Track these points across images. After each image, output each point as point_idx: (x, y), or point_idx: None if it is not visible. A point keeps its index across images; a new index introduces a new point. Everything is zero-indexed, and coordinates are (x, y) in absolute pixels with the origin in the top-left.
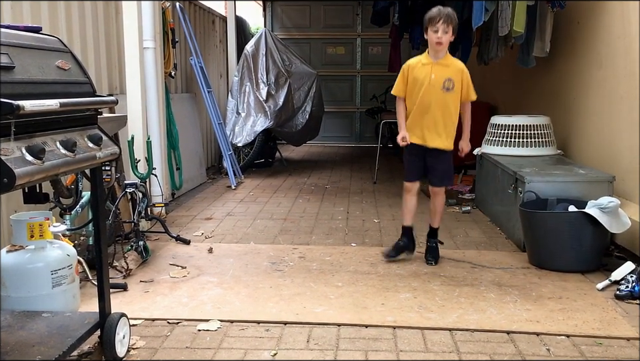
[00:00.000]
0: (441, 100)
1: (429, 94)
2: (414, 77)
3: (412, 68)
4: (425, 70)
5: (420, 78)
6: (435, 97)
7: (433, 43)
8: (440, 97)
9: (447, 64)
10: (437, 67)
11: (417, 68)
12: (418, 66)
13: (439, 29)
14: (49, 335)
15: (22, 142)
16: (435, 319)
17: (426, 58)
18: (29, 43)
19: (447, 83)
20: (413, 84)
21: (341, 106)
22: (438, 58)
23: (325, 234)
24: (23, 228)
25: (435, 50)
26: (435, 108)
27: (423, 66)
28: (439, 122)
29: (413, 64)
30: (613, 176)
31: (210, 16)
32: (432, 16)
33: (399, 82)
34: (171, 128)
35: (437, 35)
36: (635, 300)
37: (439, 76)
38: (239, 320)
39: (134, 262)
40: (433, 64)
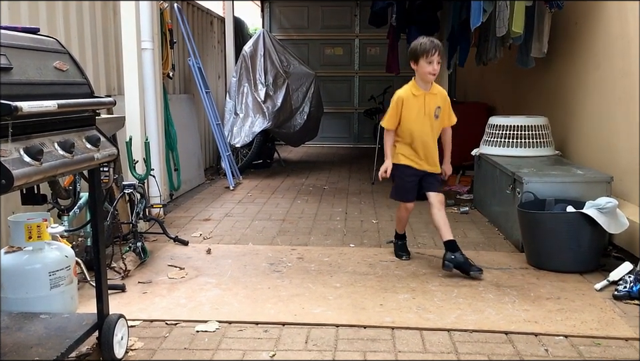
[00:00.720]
0: (433, 128)
1: (424, 124)
2: (408, 109)
3: (405, 100)
4: (419, 102)
5: (415, 110)
6: (429, 126)
7: (426, 75)
8: (432, 125)
9: (435, 93)
10: (429, 97)
11: (409, 100)
12: (410, 98)
13: (433, 61)
14: (47, 336)
15: (20, 143)
16: (434, 320)
17: (416, 89)
18: (27, 44)
19: (437, 111)
20: (407, 115)
21: (339, 107)
22: (428, 88)
23: (323, 235)
24: (20, 229)
25: (426, 82)
26: (429, 136)
27: (415, 97)
28: (433, 148)
29: (405, 97)
30: (610, 177)
31: (208, 17)
32: (426, 49)
33: (391, 115)
34: (169, 129)
35: (432, 67)
36: (633, 300)
37: (431, 106)
38: (238, 320)
39: (132, 263)
40: (426, 94)
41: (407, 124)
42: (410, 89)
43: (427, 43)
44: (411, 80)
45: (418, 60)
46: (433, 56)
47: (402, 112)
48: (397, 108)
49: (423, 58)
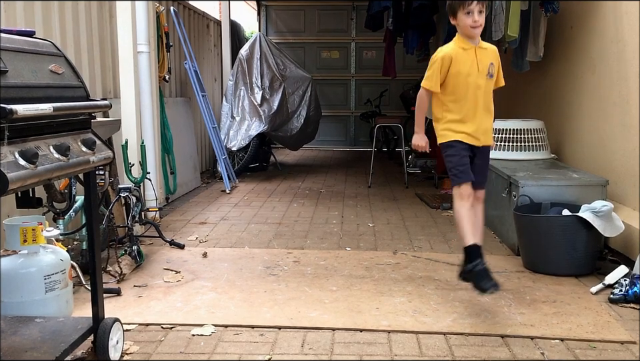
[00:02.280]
0: (487, 88)
1: (478, 83)
2: (458, 66)
3: (454, 56)
4: (470, 57)
5: (466, 67)
6: (483, 86)
7: (467, 28)
8: (487, 85)
9: (485, 47)
10: (480, 52)
11: (459, 55)
12: (460, 53)
13: (473, 10)
14: (42, 340)
15: (15, 146)
16: (430, 323)
17: (464, 42)
18: (22, 47)
19: (491, 68)
20: (457, 74)
21: (336, 110)
22: (476, 42)
23: (319, 238)
24: (15, 233)
25: (470, 36)
26: (484, 99)
27: (465, 52)
28: (488, 113)
29: (453, 52)
30: (606, 180)
31: (204, 21)
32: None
33: (434, 74)
34: (165, 132)
35: (472, 18)
36: (629, 304)
37: (484, 61)
38: (233, 324)
39: (128, 266)
40: (476, 48)
41: (459, 84)
42: (457, 44)
43: None
44: (455, 37)
45: (456, 15)
46: (472, 5)
47: (450, 70)
48: (443, 66)
49: (461, 10)
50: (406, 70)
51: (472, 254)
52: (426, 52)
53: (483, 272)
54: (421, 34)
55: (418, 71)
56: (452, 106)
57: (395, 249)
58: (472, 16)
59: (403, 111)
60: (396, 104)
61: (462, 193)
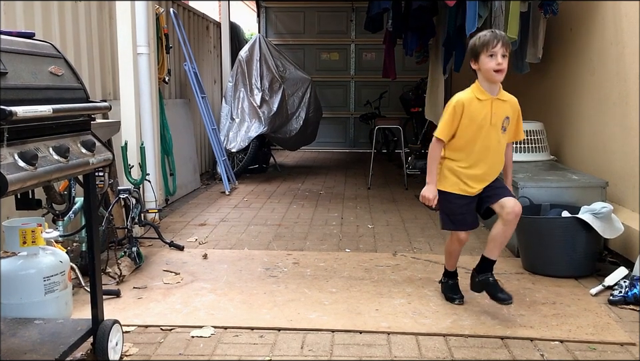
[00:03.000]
0: (499, 143)
1: (489, 137)
2: (470, 117)
3: (467, 106)
4: (485, 108)
5: (479, 119)
6: (494, 140)
7: (490, 72)
8: (498, 139)
9: (504, 99)
10: (496, 104)
11: (472, 105)
12: (474, 102)
13: (497, 54)
14: (41, 342)
15: (14, 148)
16: (429, 325)
17: (481, 92)
18: (22, 49)
19: (505, 123)
20: (468, 125)
21: (335, 111)
22: (495, 92)
23: (319, 240)
24: (15, 235)
25: (491, 82)
26: (493, 153)
27: (480, 102)
28: (496, 168)
29: (467, 101)
30: (606, 182)
31: (204, 22)
32: (486, 40)
33: (447, 123)
34: (164, 133)
35: (495, 61)
36: (629, 305)
37: (499, 115)
38: (233, 326)
39: (127, 268)
40: (493, 100)
41: (465, 136)
42: (473, 92)
43: (486, 34)
44: (474, 83)
45: (478, 57)
46: (496, 48)
47: (462, 119)
48: (456, 115)
49: (484, 52)
50: (405, 72)
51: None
52: (425, 54)
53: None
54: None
55: (417, 73)
56: (457, 155)
57: (395, 251)
58: (495, 59)
59: (402, 113)
60: (395, 105)
61: (455, 237)
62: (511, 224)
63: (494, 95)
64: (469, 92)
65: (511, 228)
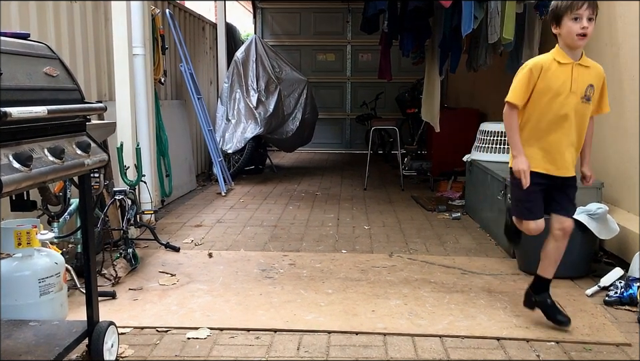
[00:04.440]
0: (580, 113)
1: (568, 105)
2: (547, 82)
3: (545, 69)
4: (565, 73)
5: (557, 84)
6: (574, 109)
7: (572, 37)
8: (579, 109)
9: (588, 65)
10: (578, 70)
11: (551, 69)
12: (553, 67)
13: (582, 16)
14: (36, 344)
15: (9, 149)
16: (426, 326)
17: (562, 56)
18: (17, 50)
19: (589, 91)
20: (545, 90)
21: (331, 112)
22: (577, 57)
23: (315, 241)
24: (10, 236)
25: (574, 47)
26: (572, 123)
27: (560, 67)
28: (575, 142)
29: (546, 64)
30: (601, 183)
31: (200, 23)
32: (570, 2)
33: (521, 86)
34: (160, 134)
35: (580, 24)
36: (624, 306)
37: (582, 81)
38: (229, 327)
39: (123, 269)
40: (574, 64)
41: (541, 103)
42: (553, 55)
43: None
44: (554, 48)
45: (561, 20)
46: (581, 9)
47: (538, 84)
48: (532, 78)
49: (568, 15)
50: (402, 73)
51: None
52: (421, 55)
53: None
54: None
55: (413, 74)
56: (528, 130)
57: (391, 251)
58: (580, 23)
59: (398, 114)
60: (392, 106)
61: (529, 229)
62: (560, 240)
63: (576, 60)
64: (548, 55)
65: (561, 243)
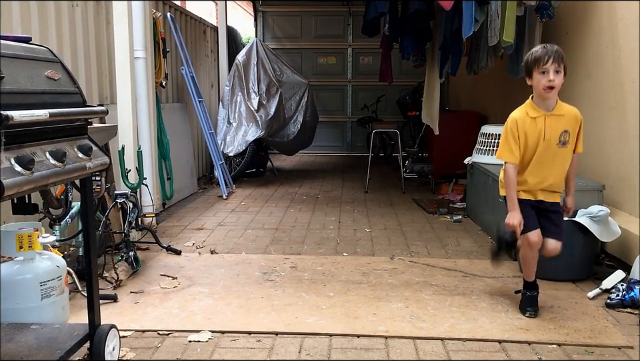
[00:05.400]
0: (557, 157)
1: (545, 153)
2: (524, 134)
3: (521, 125)
4: (538, 126)
5: (533, 136)
6: (550, 155)
7: (541, 89)
8: (556, 154)
9: (561, 113)
10: (550, 120)
11: (526, 124)
12: (527, 121)
13: (548, 70)
14: (37, 347)
15: (11, 152)
16: (427, 328)
17: (533, 109)
18: (19, 53)
19: (563, 136)
20: (524, 141)
21: (332, 115)
22: (550, 107)
23: (316, 244)
24: (11, 239)
25: (544, 98)
26: (550, 167)
27: (533, 120)
28: (554, 181)
29: (520, 120)
30: (602, 185)
31: (201, 26)
32: (537, 56)
33: (510, 144)
34: (161, 138)
35: (547, 78)
36: (626, 309)
37: (555, 129)
38: (230, 330)
39: (124, 272)
40: (546, 116)
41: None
42: (525, 110)
43: (538, 50)
44: (528, 100)
45: (531, 74)
46: (547, 65)
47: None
48: (514, 134)
49: (536, 69)
50: (402, 76)
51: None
52: (422, 58)
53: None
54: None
55: (414, 77)
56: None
57: (392, 254)
58: (547, 76)
59: (399, 116)
60: (392, 109)
61: (525, 240)
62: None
63: (549, 111)
64: (521, 109)
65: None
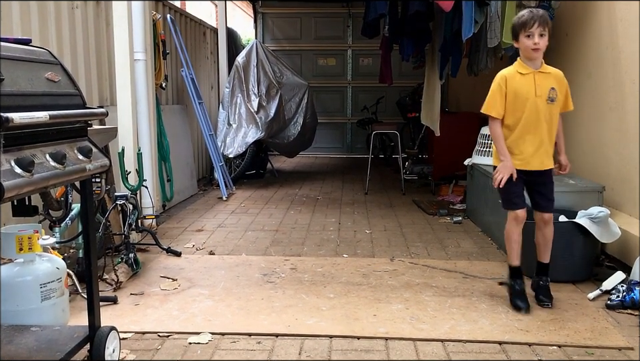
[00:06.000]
0: (549, 113)
1: (536, 108)
2: (514, 91)
3: (510, 80)
4: (527, 82)
5: (523, 92)
6: (542, 112)
7: (528, 50)
8: (546, 111)
9: (548, 72)
10: (539, 77)
11: (515, 80)
12: (516, 77)
13: (534, 34)
14: (37, 349)
15: (11, 154)
16: (427, 330)
17: (523, 67)
18: (19, 55)
19: (552, 93)
20: (514, 99)
21: (332, 117)
22: (537, 66)
23: (316, 245)
24: (11, 241)
25: (531, 59)
26: (542, 123)
27: (522, 77)
28: (546, 139)
29: (509, 76)
30: (602, 186)
31: (201, 28)
32: (524, 21)
33: (495, 99)
34: (161, 139)
35: (532, 41)
36: (626, 310)
37: (544, 86)
38: (230, 332)
39: (124, 274)
40: (535, 73)
41: (514, 110)
42: (515, 68)
43: (524, 15)
44: (517, 60)
45: (518, 37)
46: (532, 28)
47: (507, 92)
48: (501, 90)
49: (522, 32)
50: (402, 77)
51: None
52: (422, 59)
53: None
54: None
55: (414, 78)
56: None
57: (392, 256)
58: (532, 39)
59: (399, 118)
60: (392, 111)
61: (517, 217)
62: (543, 228)
63: (537, 69)
64: (510, 68)
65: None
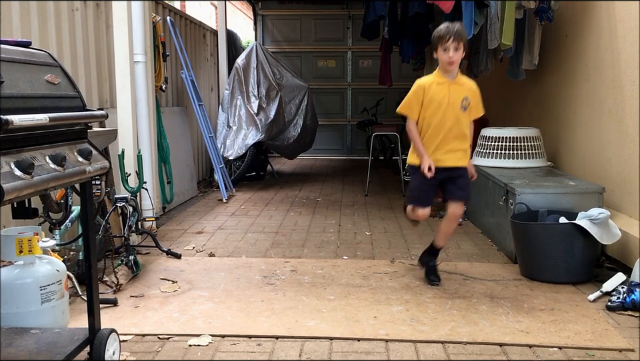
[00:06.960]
0: (460, 119)
1: (449, 114)
2: (430, 97)
3: (427, 88)
4: (442, 90)
5: (437, 99)
6: (454, 117)
7: (444, 63)
8: (458, 116)
9: (461, 83)
10: (454, 87)
11: (432, 88)
12: (433, 86)
13: (449, 48)
14: (37, 352)
15: (11, 156)
16: (428, 332)
17: (440, 77)
18: (18, 57)
19: (464, 102)
20: (429, 104)
21: (332, 118)
22: (453, 77)
23: (316, 247)
24: (11, 244)
25: (446, 70)
26: (454, 128)
27: (438, 85)
28: (457, 142)
29: (427, 85)
30: (602, 188)
31: (201, 30)
32: (441, 35)
33: (412, 103)
34: (161, 141)
35: (448, 55)
36: (626, 311)
37: (457, 95)
38: (231, 334)
39: (124, 276)
40: (450, 83)
41: (428, 114)
42: (434, 77)
43: (441, 29)
44: (436, 70)
45: (437, 49)
46: (448, 43)
47: (424, 99)
48: (418, 96)
49: (440, 46)
50: (402, 79)
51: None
52: (422, 61)
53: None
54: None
55: (414, 80)
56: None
57: (392, 257)
58: (448, 53)
59: (399, 120)
60: (392, 112)
61: (418, 215)
62: (452, 221)
63: (452, 79)
64: (428, 77)
65: (453, 223)
